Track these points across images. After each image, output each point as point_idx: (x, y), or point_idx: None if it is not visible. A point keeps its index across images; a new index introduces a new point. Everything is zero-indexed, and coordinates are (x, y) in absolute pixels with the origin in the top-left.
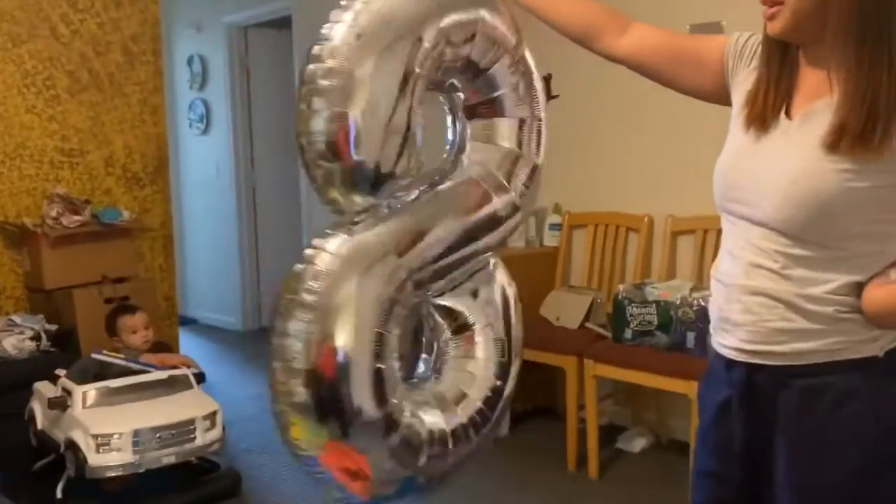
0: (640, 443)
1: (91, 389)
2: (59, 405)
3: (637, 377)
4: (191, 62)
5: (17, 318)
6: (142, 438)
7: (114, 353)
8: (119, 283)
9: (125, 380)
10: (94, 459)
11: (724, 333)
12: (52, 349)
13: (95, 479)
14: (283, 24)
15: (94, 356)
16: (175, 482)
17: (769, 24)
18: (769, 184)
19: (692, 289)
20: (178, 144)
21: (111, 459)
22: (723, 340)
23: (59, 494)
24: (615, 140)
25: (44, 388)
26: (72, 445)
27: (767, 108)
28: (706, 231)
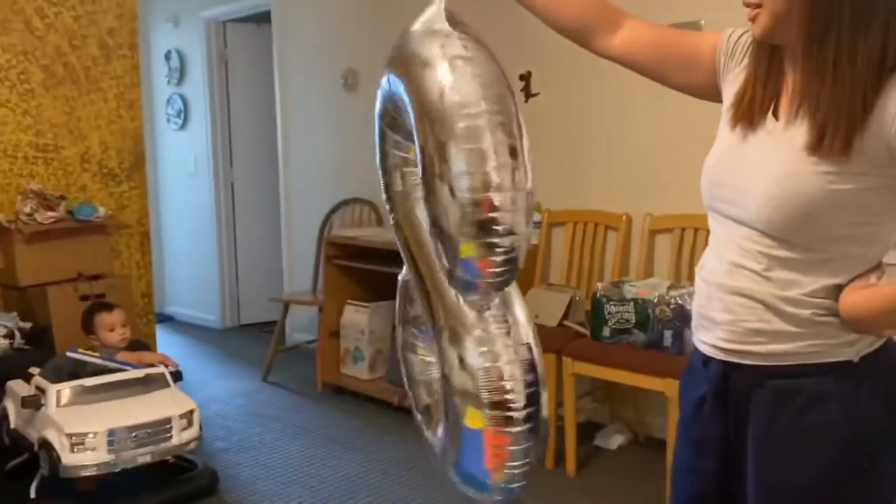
0: (618, 440)
1: (65, 388)
2: (33, 404)
3: (615, 375)
4: (169, 57)
5: None
6: (117, 437)
7: (89, 352)
8: (95, 281)
9: (100, 378)
10: (69, 459)
11: (704, 331)
12: (26, 347)
13: (70, 479)
14: (263, 19)
15: (69, 354)
16: (151, 481)
17: (753, 27)
18: (753, 184)
19: (669, 287)
20: (156, 140)
21: (86, 459)
22: (702, 337)
23: (33, 494)
24: (594, 139)
25: (17, 387)
26: (45, 445)
27: (755, 108)
28: (684, 230)
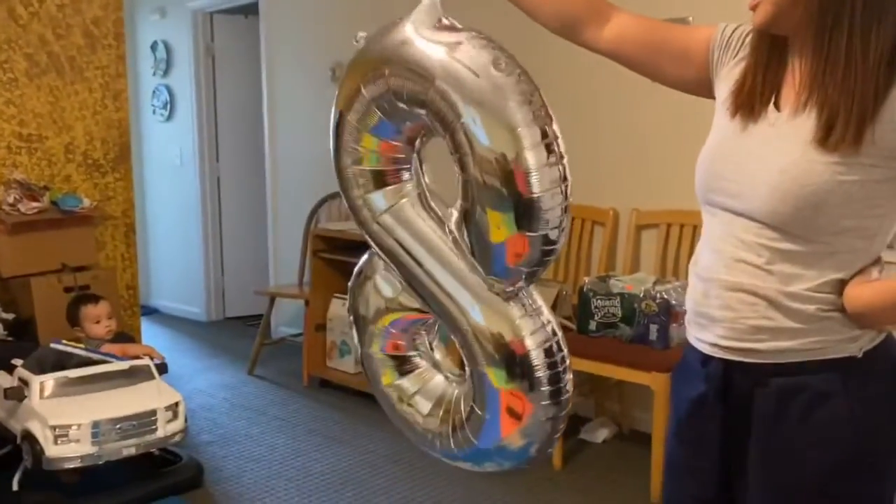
0: (603, 433)
1: (49, 380)
2: (16, 395)
3: (601, 369)
4: (155, 48)
5: None
6: (101, 430)
7: (73, 343)
8: (79, 272)
9: (84, 370)
10: (52, 451)
11: (701, 329)
12: (9, 338)
13: (53, 471)
14: (250, 11)
15: (53, 346)
16: (136, 474)
17: (753, 15)
18: (756, 174)
19: (655, 282)
20: (141, 131)
21: (69, 451)
22: (699, 335)
23: (16, 486)
24: (581, 134)
25: (0, 379)
26: (28, 437)
27: (755, 98)
28: (670, 225)
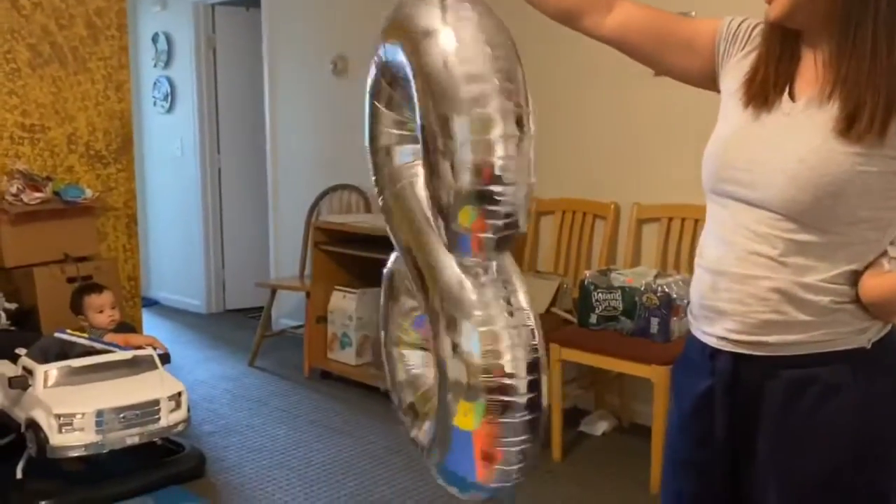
0: (603, 426)
1: (53, 369)
2: (20, 384)
3: (602, 362)
4: (156, 39)
5: None
6: (105, 418)
7: (77, 333)
8: (81, 263)
9: (88, 359)
10: (57, 439)
11: (708, 322)
12: (12, 328)
13: (57, 459)
14: (252, 3)
15: (57, 335)
16: (139, 463)
17: (769, 9)
18: (772, 163)
19: (657, 275)
20: (142, 123)
21: (74, 439)
22: (706, 329)
23: (19, 474)
24: (583, 127)
25: (3, 367)
26: (33, 425)
27: (768, 88)
28: (671, 219)
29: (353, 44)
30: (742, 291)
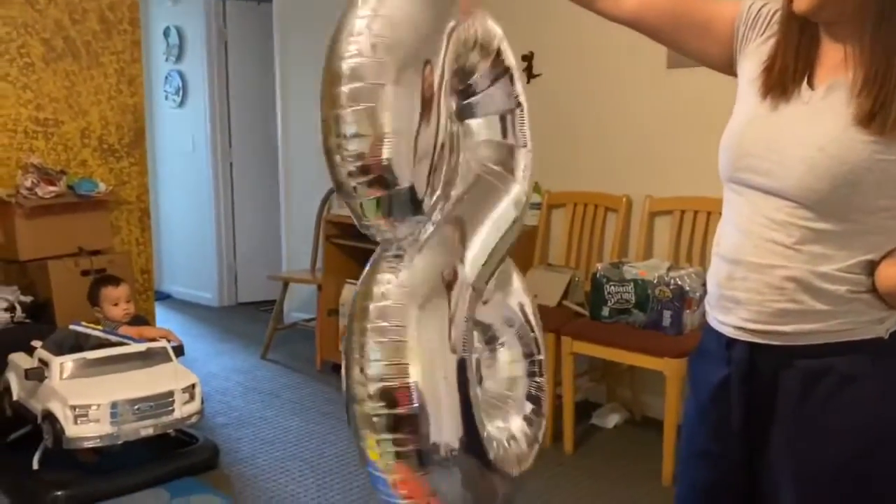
0: (614, 419)
1: (68, 361)
2: (36, 376)
3: (614, 354)
4: (167, 34)
5: None
6: (120, 410)
7: (92, 325)
8: (95, 256)
9: (103, 351)
10: (72, 430)
11: (725, 311)
12: (27, 320)
13: (72, 450)
14: None
15: (72, 327)
16: (153, 454)
17: (796, 2)
18: (790, 151)
19: (669, 268)
20: (154, 117)
21: (89, 431)
22: (723, 318)
23: (36, 465)
24: (595, 120)
25: (19, 359)
26: (49, 416)
27: (787, 77)
28: (683, 212)
29: None
30: (759, 281)
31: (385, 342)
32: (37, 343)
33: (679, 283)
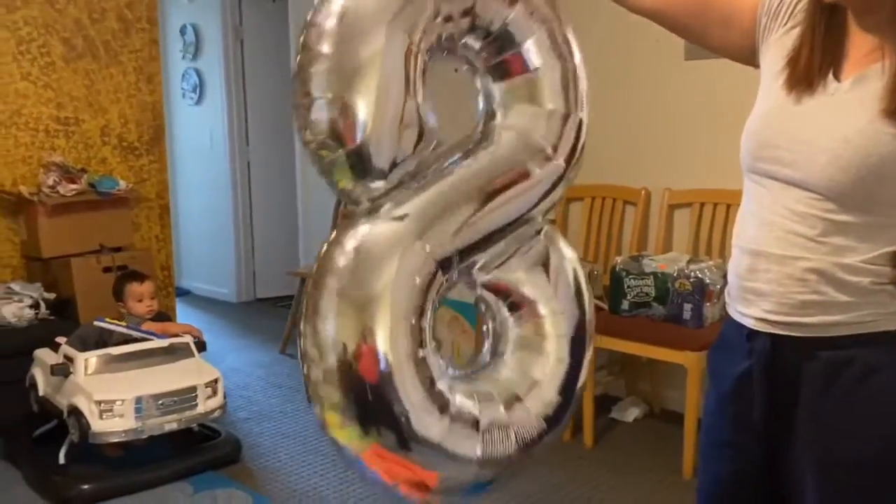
0: (634, 412)
1: (93, 356)
2: (62, 372)
3: (633, 348)
4: (184, 31)
5: (16, 286)
6: (144, 405)
7: (115, 321)
8: (116, 253)
9: (127, 347)
10: (98, 425)
11: (747, 303)
12: (51, 317)
13: (97, 445)
14: None
15: (96, 323)
16: (177, 448)
17: None
18: (814, 142)
19: (689, 261)
20: (171, 114)
21: (114, 425)
22: (744, 310)
23: (62, 459)
24: (613, 113)
25: (45, 356)
26: (75, 411)
27: (813, 69)
28: (703, 204)
29: None
30: (780, 272)
31: (343, 302)
32: (61, 339)
33: (699, 276)
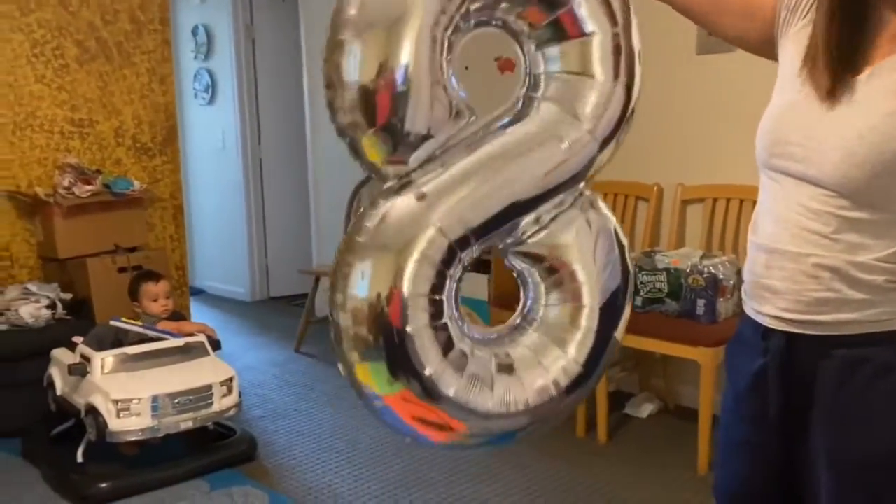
0: (648, 408)
1: (109, 356)
2: (79, 371)
3: (647, 344)
4: (195, 32)
5: (33, 287)
6: (160, 404)
7: (131, 321)
8: (132, 253)
9: (143, 346)
10: (115, 424)
11: (762, 301)
12: (68, 317)
13: (114, 443)
14: None
15: (112, 323)
16: (192, 447)
17: None
18: (828, 138)
19: (702, 257)
20: (184, 115)
21: (131, 424)
22: (759, 308)
23: (80, 458)
24: None
25: (62, 355)
26: (92, 410)
27: (830, 65)
28: (716, 199)
29: None
30: (795, 269)
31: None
32: (78, 339)
33: (713, 272)
